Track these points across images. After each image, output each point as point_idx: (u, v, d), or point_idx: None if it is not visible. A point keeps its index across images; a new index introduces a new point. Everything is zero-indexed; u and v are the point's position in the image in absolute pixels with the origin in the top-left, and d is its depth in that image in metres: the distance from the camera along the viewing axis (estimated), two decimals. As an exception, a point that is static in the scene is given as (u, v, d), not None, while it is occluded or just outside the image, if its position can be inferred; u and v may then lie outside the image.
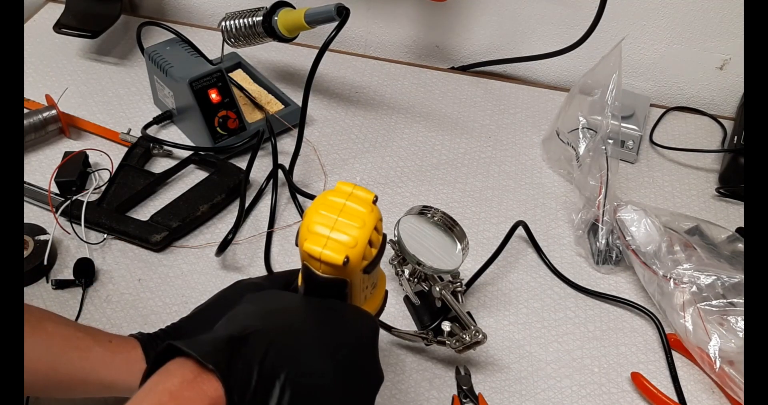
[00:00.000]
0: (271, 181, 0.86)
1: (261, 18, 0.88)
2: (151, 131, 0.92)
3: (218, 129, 0.87)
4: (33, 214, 0.81)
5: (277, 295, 0.51)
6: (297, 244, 0.46)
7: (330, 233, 0.44)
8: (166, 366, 0.41)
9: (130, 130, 0.91)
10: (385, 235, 0.48)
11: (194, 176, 0.88)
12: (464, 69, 1.11)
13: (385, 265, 0.75)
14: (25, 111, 0.90)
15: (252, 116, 0.93)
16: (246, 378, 0.39)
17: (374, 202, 0.46)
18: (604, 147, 0.82)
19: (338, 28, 0.81)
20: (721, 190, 0.91)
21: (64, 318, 0.59)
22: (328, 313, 0.46)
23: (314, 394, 0.41)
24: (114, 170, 0.85)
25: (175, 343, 0.41)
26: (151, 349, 0.58)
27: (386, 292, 0.54)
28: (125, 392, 0.55)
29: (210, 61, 0.89)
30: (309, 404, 0.40)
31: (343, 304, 0.47)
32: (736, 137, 0.93)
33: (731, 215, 0.88)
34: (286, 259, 0.79)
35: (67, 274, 0.75)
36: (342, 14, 0.81)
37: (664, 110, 1.04)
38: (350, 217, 0.45)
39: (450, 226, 0.65)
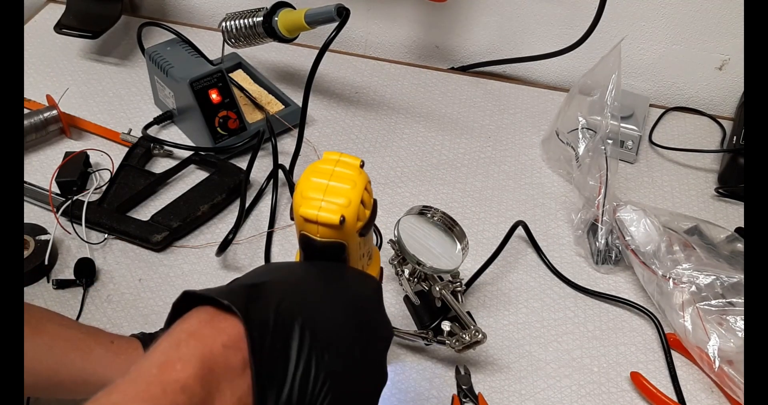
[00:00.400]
0: (272, 181, 0.86)
1: (261, 18, 0.88)
2: (151, 131, 0.92)
3: (219, 129, 0.87)
4: (34, 214, 0.81)
5: (280, 263, 0.51)
6: (292, 218, 0.47)
7: (324, 196, 0.45)
8: (183, 317, 0.40)
9: (130, 130, 0.91)
10: (375, 201, 0.49)
11: (195, 176, 0.88)
12: (464, 69, 1.11)
13: (385, 265, 0.76)
14: (26, 111, 0.90)
15: (252, 116, 0.94)
16: (264, 318, 0.39)
17: (361, 166, 0.48)
18: (603, 147, 0.82)
19: (338, 29, 0.81)
20: (720, 190, 0.91)
21: (65, 318, 0.59)
22: (332, 271, 0.47)
23: (331, 340, 0.40)
24: (115, 170, 0.85)
25: (191, 290, 0.40)
26: None
27: (381, 268, 0.55)
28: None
29: (210, 62, 0.89)
30: (328, 349, 0.40)
31: (344, 265, 0.48)
32: (735, 137, 0.93)
33: (730, 215, 0.88)
34: (287, 259, 0.79)
35: (68, 274, 0.75)
36: (342, 15, 0.81)
37: (664, 110, 1.04)
38: (341, 180, 0.46)
39: (450, 226, 0.65)
